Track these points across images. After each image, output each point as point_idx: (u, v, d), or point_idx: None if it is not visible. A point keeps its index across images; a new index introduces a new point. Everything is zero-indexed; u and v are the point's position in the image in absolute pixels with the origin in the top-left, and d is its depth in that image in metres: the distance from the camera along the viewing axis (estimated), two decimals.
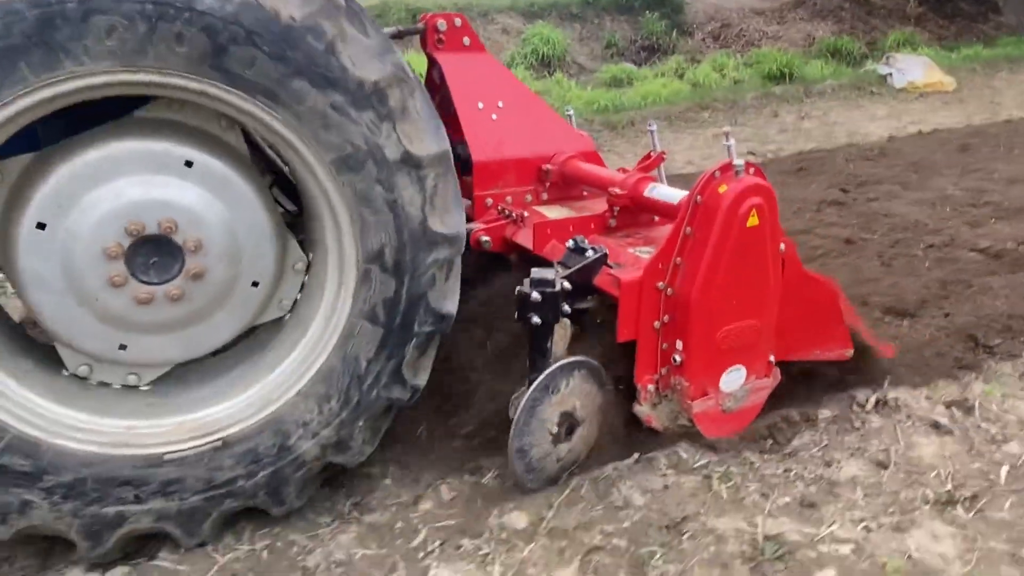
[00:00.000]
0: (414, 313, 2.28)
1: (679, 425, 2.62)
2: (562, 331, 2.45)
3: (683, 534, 2.24)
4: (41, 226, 1.99)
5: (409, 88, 2.11)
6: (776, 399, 2.77)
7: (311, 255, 2.39)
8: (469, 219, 3.17)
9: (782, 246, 2.61)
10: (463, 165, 3.28)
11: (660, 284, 2.48)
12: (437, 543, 2.24)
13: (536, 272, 2.38)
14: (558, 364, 2.33)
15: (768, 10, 13.57)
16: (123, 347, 2.17)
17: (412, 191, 2.14)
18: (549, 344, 2.40)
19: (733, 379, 2.62)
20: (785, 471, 2.55)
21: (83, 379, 2.24)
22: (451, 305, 2.35)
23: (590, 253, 2.58)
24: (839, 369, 2.98)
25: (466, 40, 3.40)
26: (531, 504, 2.37)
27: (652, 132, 3.48)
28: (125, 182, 2.03)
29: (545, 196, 3.39)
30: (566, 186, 3.39)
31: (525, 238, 2.99)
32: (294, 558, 2.24)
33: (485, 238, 3.05)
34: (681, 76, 10.78)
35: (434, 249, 2.24)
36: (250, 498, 2.28)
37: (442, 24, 3.31)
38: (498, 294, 2.95)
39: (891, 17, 13.49)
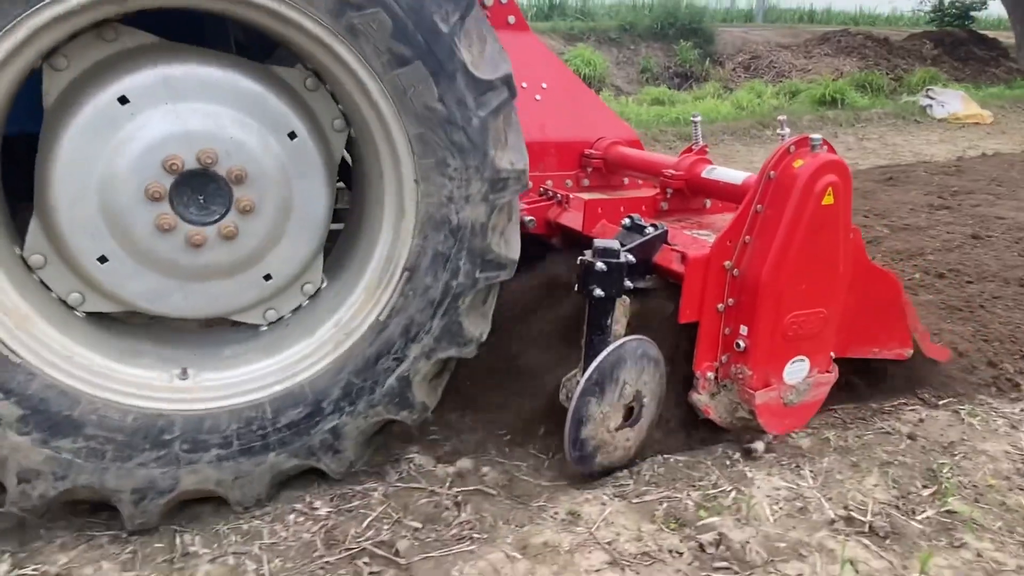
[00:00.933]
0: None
1: (737, 418, 2.46)
2: (623, 308, 2.29)
3: (956, 455, 2.46)
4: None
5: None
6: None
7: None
8: None
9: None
10: None
11: (727, 264, 2.33)
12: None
13: (600, 242, 2.22)
14: (621, 342, 2.16)
15: (793, 45, 14.28)
16: None
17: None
18: (609, 321, 2.23)
19: (797, 371, 2.46)
20: (1022, 410, 2.78)
21: None
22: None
23: (650, 230, 2.44)
24: None
25: (511, 18, 3.28)
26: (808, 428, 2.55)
27: (696, 124, 3.35)
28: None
29: (586, 182, 3.25)
30: (608, 173, 3.25)
31: (572, 219, 2.84)
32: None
33: (529, 218, 2.89)
34: (719, 100, 11.22)
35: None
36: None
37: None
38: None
39: (910, 57, 14.13)
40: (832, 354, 2.57)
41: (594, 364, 2.12)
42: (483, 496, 2.19)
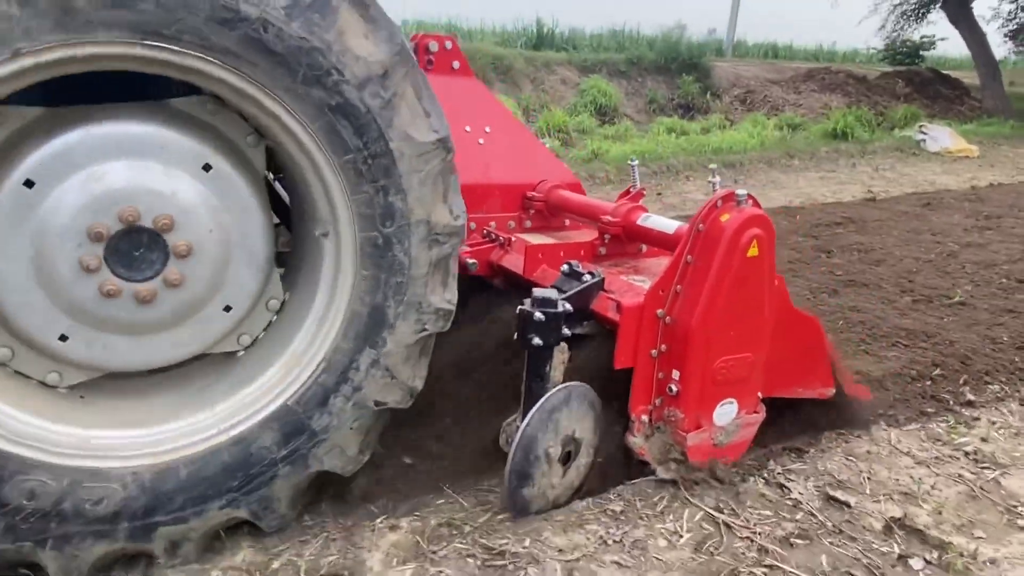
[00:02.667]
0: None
1: (671, 459, 2.56)
2: (560, 356, 2.37)
3: None
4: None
5: None
6: None
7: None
8: None
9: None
10: None
11: (660, 312, 2.44)
12: None
13: (539, 292, 2.30)
14: (558, 388, 2.24)
15: (782, 80, 15.27)
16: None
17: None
18: (548, 368, 2.31)
19: (726, 412, 2.58)
20: None
21: None
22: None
23: (587, 277, 2.53)
24: None
25: (455, 64, 3.37)
26: None
27: (634, 168, 3.47)
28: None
29: (528, 223, 3.35)
30: (550, 215, 3.36)
31: (513, 262, 2.92)
32: None
33: (471, 260, 2.97)
34: (723, 131, 12.11)
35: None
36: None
37: (433, 45, 3.27)
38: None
39: (885, 94, 15.17)
40: (759, 395, 2.71)
41: (534, 410, 2.19)
42: None
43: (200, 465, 2.02)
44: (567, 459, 2.34)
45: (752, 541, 2.27)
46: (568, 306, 2.33)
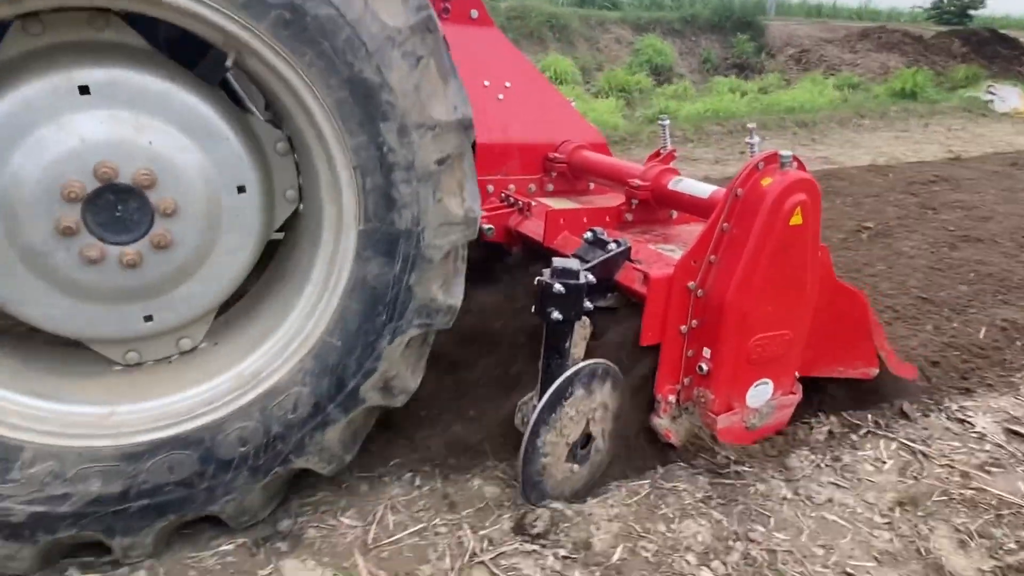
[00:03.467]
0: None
1: (698, 441, 2.38)
2: (582, 331, 2.18)
3: None
4: None
5: None
6: None
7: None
8: None
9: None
10: None
11: (691, 284, 2.24)
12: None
13: (558, 262, 2.10)
14: (578, 367, 2.05)
15: (835, 39, 14.67)
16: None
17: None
18: (568, 344, 2.12)
19: (760, 393, 2.38)
20: None
21: None
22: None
23: (612, 246, 2.33)
24: None
25: (474, 13, 3.13)
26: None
27: (664, 127, 3.23)
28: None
29: (550, 187, 3.14)
30: (573, 177, 3.14)
31: (533, 228, 2.72)
32: None
33: (488, 226, 2.78)
34: (783, 91, 11.75)
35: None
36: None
37: None
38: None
39: (942, 53, 14.48)
40: (796, 374, 2.51)
41: (552, 389, 2.01)
42: None
43: None
44: (586, 442, 2.16)
45: (952, 468, 2.44)
46: (591, 277, 2.13)
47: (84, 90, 1.64)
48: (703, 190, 2.52)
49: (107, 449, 1.76)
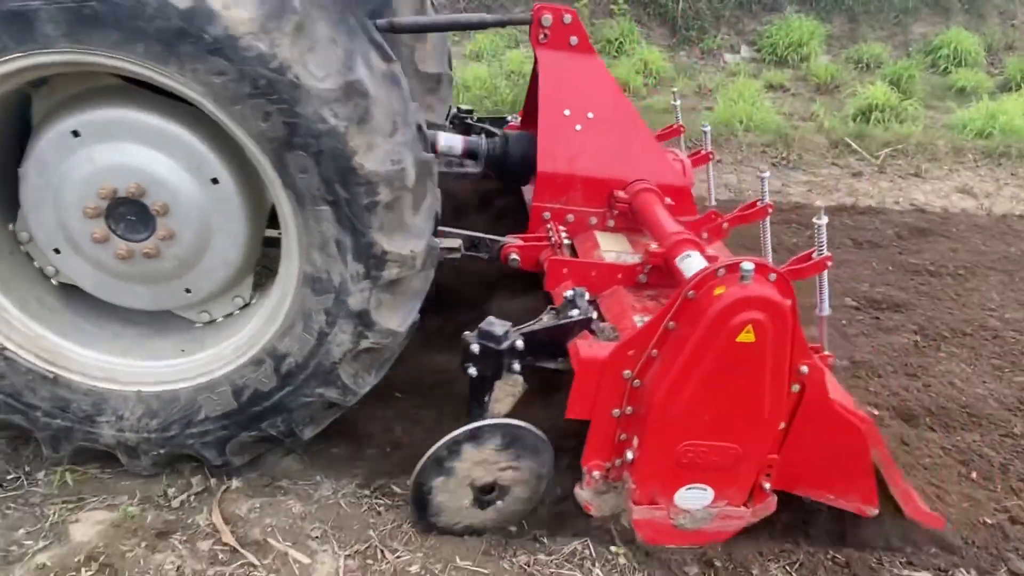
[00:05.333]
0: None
1: (620, 524, 2.37)
2: (509, 389, 2.28)
3: None
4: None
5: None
6: None
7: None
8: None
9: (804, 368, 2.18)
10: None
11: (627, 373, 2.19)
12: None
13: (487, 323, 2.21)
14: (485, 422, 2.17)
15: None
16: None
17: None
18: (486, 399, 2.25)
19: (695, 497, 2.28)
20: None
21: None
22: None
23: (575, 313, 2.35)
24: None
25: (573, 40, 3.16)
26: None
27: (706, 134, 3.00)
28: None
29: (611, 223, 3.12)
30: (635, 219, 3.09)
31: None
32: None
33: (514, 255, 2.90)
34: None
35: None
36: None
37: (547, 19, 3.09)
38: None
39: None
40: (767, 487, 2.33)
41: (442, 441, 2.17)
42: None
43: None
44: (485, 495, 2.29)
45: None
46: (519, 343, 2.21)
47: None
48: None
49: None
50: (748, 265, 2.01)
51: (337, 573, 2.20)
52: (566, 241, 2.91)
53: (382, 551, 2.28)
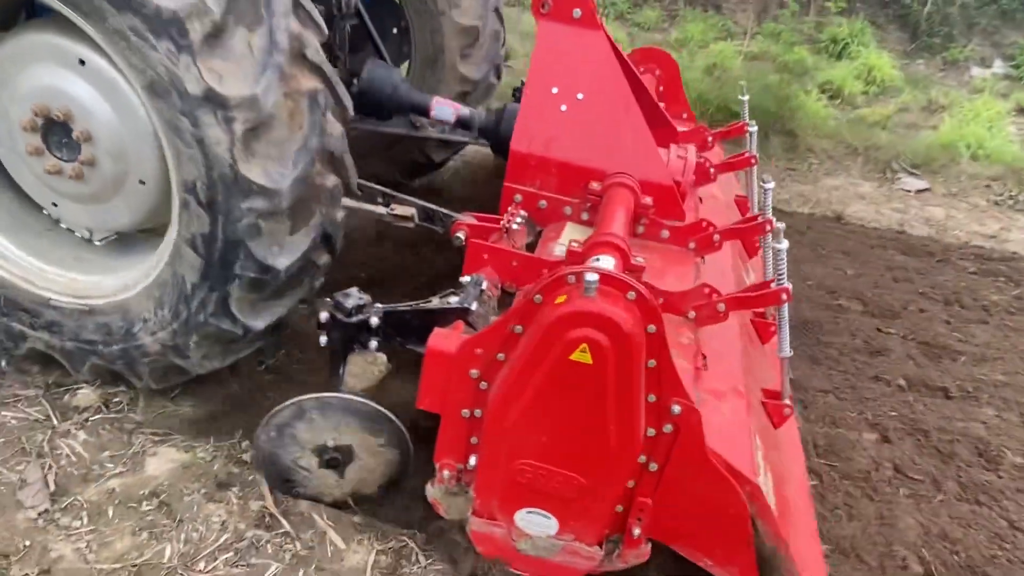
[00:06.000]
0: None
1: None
2: (366, 365, 2.18)
3: None
4: None
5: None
6: None
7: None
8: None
9: (676, 408, 1.88)
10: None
11: (473, 373, 2.01)
12: None
13: (343, 294, 2.12)
14: (311, 396, 2.10)
15: None
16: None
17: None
18: (341, 371, 2.17)
19: (538, 523, 2.06)
20: None
21: None
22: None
23: (454, 300, 2.19)
24: None
25: (576, 12, 2.90)
26: None
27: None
28: None
29: (585, 215, 2.88)
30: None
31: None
32: None
33: (459, 234, 2.76)
34: None
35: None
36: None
37: None
38: None
39: None
40: (636, 533, 2.06)
41: (282, 405, 2.13)
42: None
43: None
44: (335, 465, 2.22)
45: None
46: (374, 319, 2.10)
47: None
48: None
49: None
50: (592, 276, 1.75)
51: (366, 567, 2.20)
52: (515, 226, 2.72)
53: (417, 555, 2.28)
